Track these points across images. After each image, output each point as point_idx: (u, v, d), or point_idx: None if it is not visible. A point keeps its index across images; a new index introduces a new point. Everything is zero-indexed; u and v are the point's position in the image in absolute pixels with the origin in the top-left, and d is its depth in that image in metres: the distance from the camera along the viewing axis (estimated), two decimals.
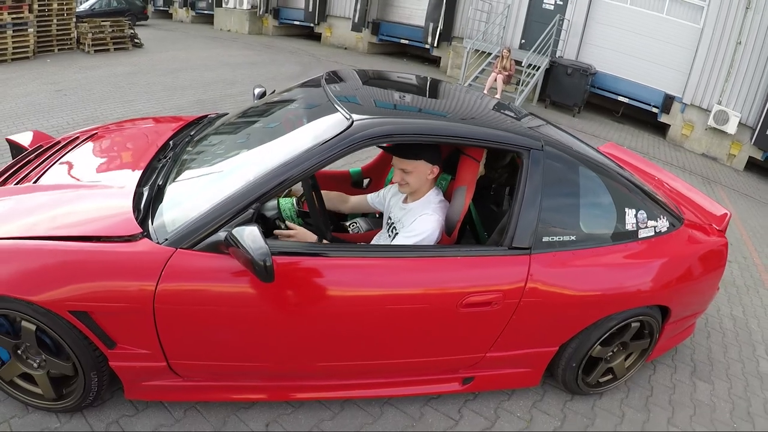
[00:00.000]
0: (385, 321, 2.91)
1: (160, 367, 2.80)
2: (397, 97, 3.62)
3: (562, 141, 3.36)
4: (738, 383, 4.47)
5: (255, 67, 15.05)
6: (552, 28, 15.34)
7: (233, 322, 2.71)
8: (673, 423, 3.80)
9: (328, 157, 2.65)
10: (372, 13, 20.59)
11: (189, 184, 3.03)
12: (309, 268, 2.74)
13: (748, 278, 6.91)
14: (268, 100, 3.98)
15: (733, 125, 14.21)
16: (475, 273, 2.96)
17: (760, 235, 9.22)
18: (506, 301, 2.97)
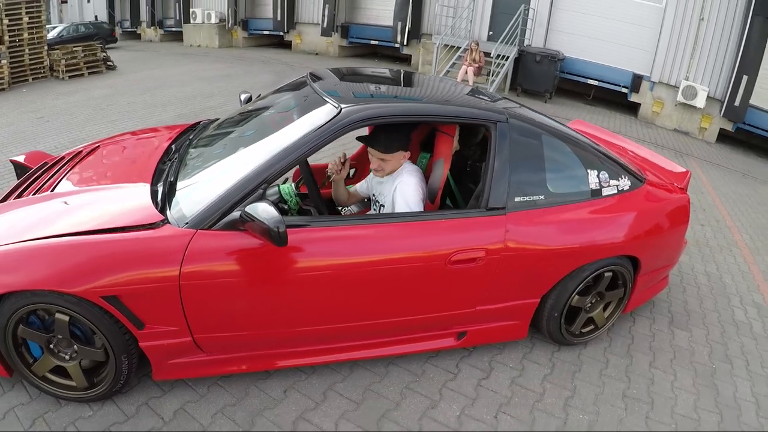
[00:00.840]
0: (384, 283, 3.22)
1: (186, 343, 3.02)
2: (374, 87, 4.04)
3: (525, 114, 3.75)
4: (715, 330, 4.81)
5: (230, 80, 15.24)
6: (518, 18, 15.70)
7: (250, 293, 2.99)
8: (655, 366, 4.13)
9: (322, 141, 2.99)
10: (340, 17, 20.82)
11: (200, 176, 3.29)
12: (314, 239, 3.05)
13: (721, 239, 7.30)
14: (257, 103, 4.30)
15: (702, 99, 14.68)
16: (458, 234, 3.29)
17: (732, 200, 9.65)
18: (488, 257, 3.33)
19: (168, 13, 27.61)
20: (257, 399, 3.30)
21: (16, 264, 2.77)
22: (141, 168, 3.60)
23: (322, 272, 3.05)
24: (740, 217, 8.65)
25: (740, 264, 6.54)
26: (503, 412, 3.44)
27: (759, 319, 5.18)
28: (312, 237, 3.03)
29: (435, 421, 3.28)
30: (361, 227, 3.26)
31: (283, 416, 3.20)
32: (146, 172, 3.48)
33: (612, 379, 3.90)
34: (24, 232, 2.90)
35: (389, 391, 3.48)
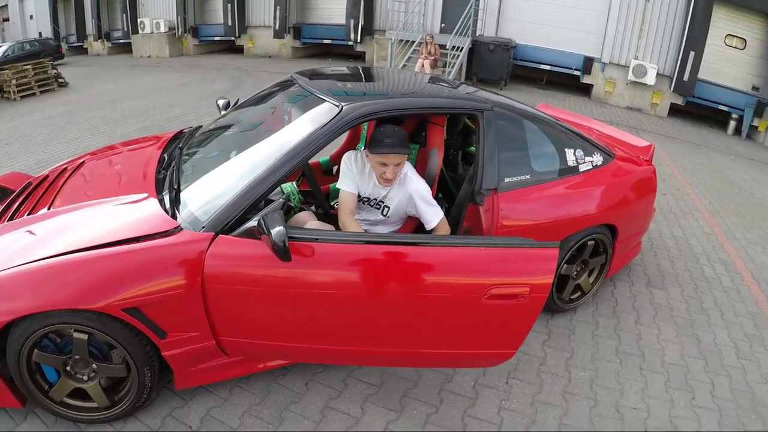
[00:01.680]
0: (403, 312, 3.00)
1: (209, 347, 3.00)
2: (355, 85, 4.17)
3: (507, 102, 4.05)
4: (688, 287, 5.29)
5: (187, 88, 15.12)
6: (469, 9, 16.04)
7: (269, 301, 2.94)
8: (640, 323, 4.56)
9: (326, 139, 3.05)
10: (292, 18, 20.69)
11: (204, 181, 3.29)
12: (330, 254, 2.91)
13: (683, 205, 7.84)
14: (244, 107, 4.38)
15: (652, 76, 15.39)
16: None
17: (689, 169, 10.24)
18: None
19: (115, 24, 26.88)
20: (281, 395, 3.38)
21: (25, 287, 2.68)
22: (140, 178, 3.57)
23: (332, 292, 2.94)
24: (698, 184, 9.24)
25: (703, 226, 7.07)
26: (513, 377, 3.74)
27: (727, 274, 5.68)
28: (323, 254, 2.88)
29: (452, 394, 3.54)
30: (377, 247, 3.00)
31: (309, 408, 3.30)
32: (147, 181, 3.45)
33: (604, 338, 4.28)
34: (27, 253, 2.81)
35: (405, 372, 3.68)
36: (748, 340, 4.56)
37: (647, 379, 3.88)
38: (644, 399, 3.68)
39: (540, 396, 3.60)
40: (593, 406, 3.56)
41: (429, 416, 3.33)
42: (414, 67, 15.24)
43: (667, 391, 3.79)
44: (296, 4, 20.86)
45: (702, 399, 3.77)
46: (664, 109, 15.92)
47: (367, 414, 3.29)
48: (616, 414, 3.52)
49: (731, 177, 10.36)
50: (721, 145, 13.72)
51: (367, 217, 3.69)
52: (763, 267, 6.14)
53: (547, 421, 3.39)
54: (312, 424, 3.18)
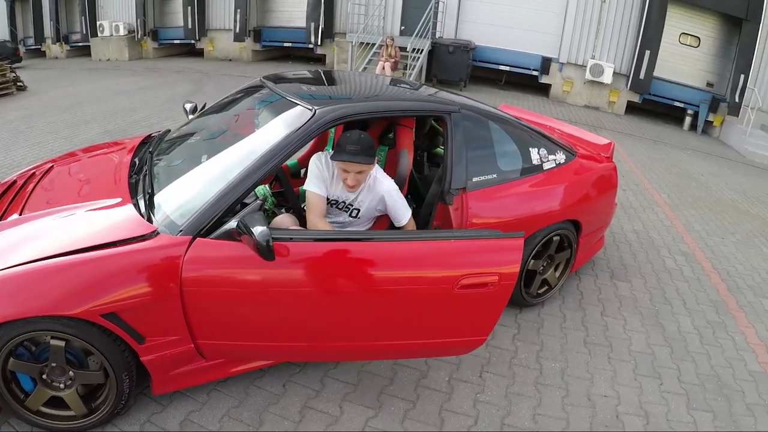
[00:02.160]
0: (379, 304, 3.05)
1: (187, 351, 2.99)
2: (320, 88, 4.21)
3: (472, 104, 4.16)
4: (651, 278, 5.46)
5: (148, 92, 14.91)
6: (429, 12, 16.21)
7: (250, 302, 2.94)
8: (606, 314, 4.70)
9: (300, 142, 3.12)
10: (252, 21, 20.58)
11: (179, 185, 3.27)
12: (308, 253, 2.96)
13: (642, 200, 8.05)
14: (214, 110, 4.37)
15: (609, 75, 15.82)
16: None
17: (647, 165, 10.52)
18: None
19: (73, 27, 26.27)
20: (259, 397, 3.38)
21: (0, 294, 2.62)
22: (112, 183, 3.54)
23: (313, 289, 2.99)
24: (656, 180, 9.50)
25: (663, 220, 7.30)
26: (486, 371, 3.82)
27: (688, 265, 5.89)
28: (305, 252, 2.95)
29: (428, 389, 3.59)
30: (353, 244, 3.08)
31: (288, 408, 3.31)
32: (120, 186, 3.42)
33: (572, 330, 4.40)
34: (0, 259, 2.74)
35: (381, 369, 3.72)
36: (711, 327, 4.74)
37: (616, 367, 4.00)
38: (614, 387, 3.80)
39: (513, 388, 3.68)
40: (565, 395, 3.66)
41: (407, 412, 3.37)
42: (375, 70, 15.30)
43: (635, 379, 3.92)
44: (257, 7, 20.77)
45: (670, 384, 3.92)
46: (621, 107, 16.34)
47: (346, 412, 3.32)
48: (588, 402, 3.62)
49: (688, 171, 10.67)
50: (678, 140, 14.10)
51: (336, 219, 3.67)
52: (723, 257, 6.36)
53: (521, 411, 3.47)
54: (292, 425, 3.20)
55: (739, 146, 14.49)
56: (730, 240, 7.05)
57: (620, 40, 16.02)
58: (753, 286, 5.76)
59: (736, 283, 5.73)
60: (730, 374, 4.15)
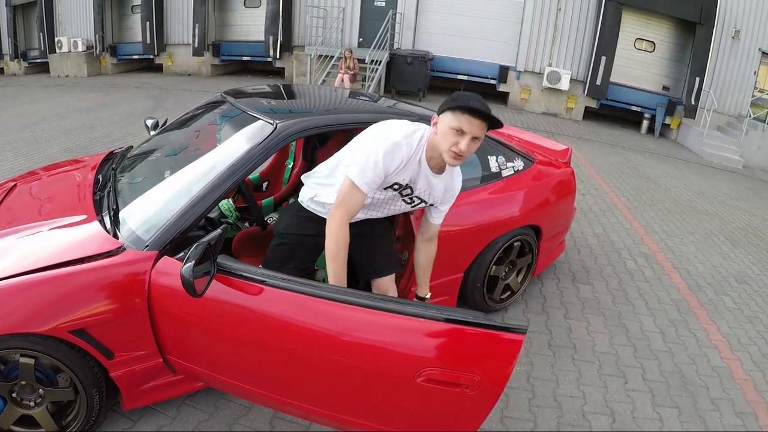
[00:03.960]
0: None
1: (157, 365, 2.96)
2: (279, 102, 4.20)
3: (429, 114, 4.08)
4: (612, 280, 5.52)
5: (108, 108, 14.71)
6: (387, 23, 16.21)
7: (205, 326, 2.80)
8: (569, 317, 4.73)
9: (262, 156, 3.11)
10: (211, 36, 20.35)
11: (144, 201, 3.22)
12: (280, 298, 2.62)
13: (602, 204, 8.15)
14: (176, 126, 4.34)
15: (566, 82, 16.11)
16: None
17: (606, 169, 10.67)
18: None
19: (32, 44, 25.66)
20: (228, 410, 3.34)
21: None
22: (77, 200, 3.50)
23: (278, 332, 2.64)
24: (615, 183, 9.65)
25: (622, 222, 7.39)
26: None
27: (648, 266, 5.97)
28: (278, 297, 2.60)
29: None
30: (327, 303, 2.55)
31: (258, 419, 3.29)
32: (85, 203, 3.38)
33: (536, 334, 4.41)
34: None
35: None
36: (673, 325, 4.81)
37: (580, 368, 4.03)
38: (579, 387, 3.82)
39: None
40: (531, 397, 3.67)
41: None
42: (334, 82, 15.29)
43: (600, 378, 3.94)
44: (215, 21, 20.62)
45: (634, 383, 3.95)
46: (579, 113, 16.62)
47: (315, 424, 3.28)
48: (554, 403, 3.64)
49: (647, 174, 10.85)
50: (636, 144, 14.37)
51: (372, 213, 3.11)
52: (683, 256, 6.46)
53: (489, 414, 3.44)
54: None
55: (697, 148, 14.87)
56: (689, 240, 7.17)
57: (576, 47, 16.35)
58: (713, 284, 5.86)
59: (696, 282, 5.82)
60: (693, 371, 4.20)
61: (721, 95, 16.12)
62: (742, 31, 16.06)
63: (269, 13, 18.48)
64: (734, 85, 16.55)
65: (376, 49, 15.70)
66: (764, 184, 13.09)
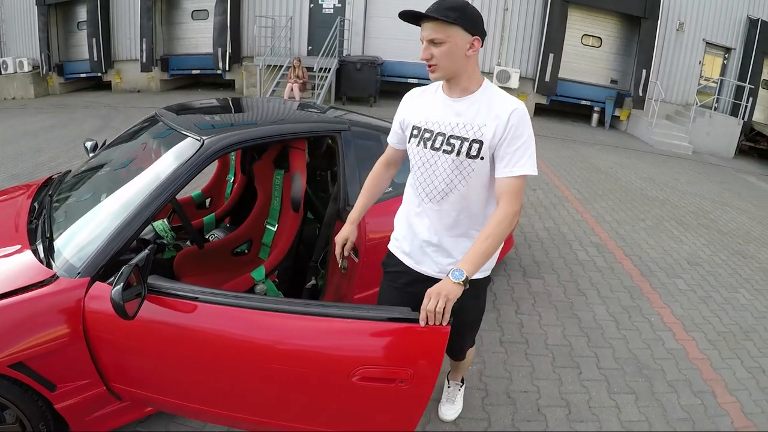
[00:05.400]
0: None
1: (101, 394, 2.87)
2: (221, 117, 4.19)
3: (363, 121, 4.17)
4: (563, 272, 5.52)
5: (55, 131, 14.35)
6: (335, 30, 16.13)
7: (142, 349, 2.75)
8: (520, 312, 4.71)
9: (190, 174, 3.04)
10: (159, 50, 19.94)
11: (77, 227, 3.16)
12: (211, 314, 2.61)
13: (553, 197, 8.20)
14: (111, 147, 4.23)
15: (515, 80, 16.27)
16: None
17: (556, 163, 10.78)
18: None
19: None
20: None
21: None
22: (12, 230, 3.39)
23: (210, 349, 2.64)
24: (566, 176, 9.73)
25: (573, 214, 7.45)
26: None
27: (600, 255, 6.01)
28: (210, 313, 2.59)
29: None
30: (259, 312, 2.59)
31: None
32: (19, 233, 3.29)
33: (487, 332, 4.36)
34: None
35: None
36: (626, 311, 4.84)
37: (533, 362, 4.01)
38: (533, 382, 3.80)
39: (433, 395, 3.59)
40: (485, 396, 3.63)
41: None
42: (283, 92, 15.19)
43: (554, 371, 3.93)
44: (163, 35, 20.22)
45: (589, 372, 3.95)
46: (530, 110, 16.41)
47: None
48: (508, 400, 3.61)
49: (598, 165, 10.98)
50: (587, 137, 14.56)
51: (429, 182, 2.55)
52: (634, 244, 6.53)
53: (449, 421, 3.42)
54: None
55: (647, 137, 15.18)
56: (640, 227, 7.25)
57: (524, 46, 16.56)
58: (665, 267, 5.94)
59: (648, 267, 5.88)
60: (648, 355, 4.23)
61: (668, 85, 16.47)
62: (686, 23, 16.48)
63: (217, 24, 18.24)
64: (680, 75, 16.96)
65: (324, 57, 15.60)
66: (713, 167, 13.37)
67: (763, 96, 17.68)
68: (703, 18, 16.62)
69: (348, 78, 16.30)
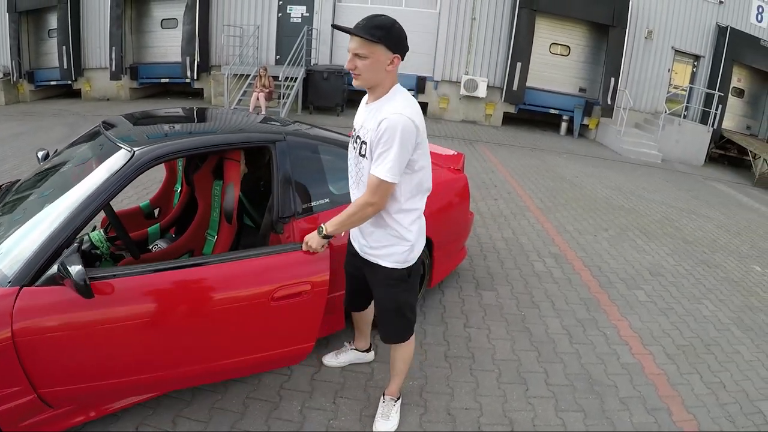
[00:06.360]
0: (201, 328, 3.16)
1: (31, 401, 2.89)
2: (168, 127, 4.16)
3: (303, 131, 4.11)
4: (518, 284, 5.36)
5: (22, 138, 14.11)
6: (302, 39, 16.02)
7: (81, 344, 2.90)
8: (469, 326, 4.53)
9: (119, 185, 3.08)
10: (129, 58, 19.76)
11: (12, 237, 3.19)
12: (131, 287, 2.99)
13: (514, 207, 8.04)
14: (55, 158, 4.23)
15: (483, 89, 16.30)
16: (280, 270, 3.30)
17: (521, 172, 10.63)
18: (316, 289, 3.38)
19: None
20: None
21: None
22: None
23: (139, 320, 3.01)
24: (530, 185, 9.60)
25: (534, 224, 7.29)
26: (340, 396, 3.60)
27: (558, 266, 5.85)
28: (128, 286, 2.97)
29: (280, 420, 3.38)
30: (172, 273, 3.13)
31: (254, 423, 3.30)
32: None
33: (432, 346, 4.21)
34: None
35: (233, 405, 3.51)
36: (581, 325, 4.69)
37: (478, 378, 3.85)
38: (476, 398, 3.64)
39: (368, 411, 3.49)
40: (423, 413, 3.48)
41: None
42: (250, 101, 15.00)
43: (499, 387, 3.77)
44: (132, 43, 20.07)
45: (536, 389, 3.80)
46: (498, 119, 16.81)
47: None
48: (448, 417, 3.46)
49: (563, 174, 10.90)
50: (555, 145, 14.52)
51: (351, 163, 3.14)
52: (595, 254, 6.39)
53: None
54: None
55: (615, 145, 15.20)
56: (602, 236, 7.14)
57: (492, 55, 16.54)
58: (626, 278, 5.81)
59: (608, 278, 5.75)
60: (602, 370, 4.09)
61: (636, 93, 16.55)
62: (654, 30, 16.57)
63: (185, 33, 18.11)
64: (649, 83, 17.04)
65: (291, 66, 15.48)
66: (681, 175, 13.38)
67: (732, 103, 17.86)
68: (671, 26, 16.73)
69: (315, 87, 16.17)
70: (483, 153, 12.21)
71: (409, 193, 2.92)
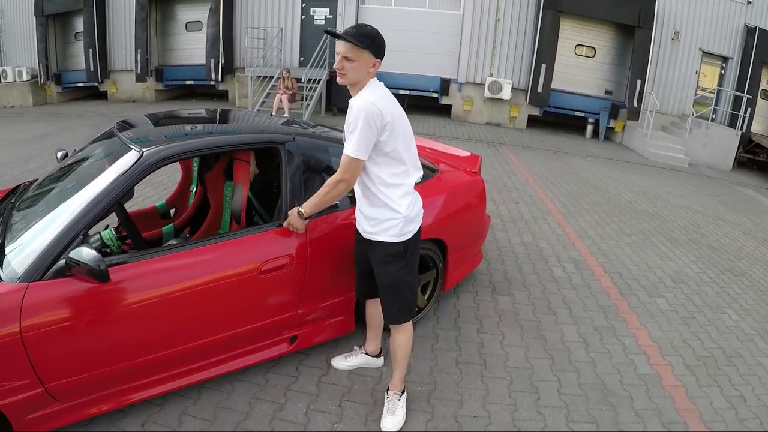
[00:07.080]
0: (206, 303, 3.36)
1: (38, 395, 2.94)
2: (189, 128, 4.20)
3: (314, 132, 4.12)
4: (536, 289, 5.25)
5: (48, 139, 14.25)
6: (325, 42, 16.01)
7: (89, 333, 3.00)
8: (483, 331, 4.44)
9: (128, 184, 3.18)
10: (154, 61, 20.00)
11: (26, 234, 3.26)
12: (137, 273, 3.16)
13: (535, 211, 7.91)
14: (73, 158, 4.25)
15: (507, 91, 16.13)
16: (265, 246, 3.54)
17: (544, 176, 10.49)
18: (296, 261, 3.59)
19: None
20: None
21: None
22: None
23: (148, 302, 3.15)
24: (553, 189, 9.45)
25: (555, 228, 7.16)
26: (346, 400, 3.55)
27: (577, 272, 5.72)
28: (135, 272, 3.14)
29: (284, 421, 3.35)
30: (176, 256, 3.36)
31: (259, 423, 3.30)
32: None
33: (444, 351, 4.13)
34: None
35: (238, 404, 3.50)
36: (598, 333, 4.57)
37: (488, 385, 3.76)
38: (485, 406, 3.56)
39: (373, 415, 3.44)
40: (430, 419, 3.42)
41: None
42: (273, 103, 15.03)
43: (510, 395, 3.69)
44: (157, 46, 20.31)
45: (547, 398, 3.70)
46: (523, 122, 16.64)
47: None
48: (455, 424, 3.39)
49: (587, 178, 10.74)
50: (580, 149, 14.32)
51: None
52: (616, 260, 6.26)
53: None
54: None
55: (642, 149, 14.96)
56: (625, 242, 7.00)
57: (516, 57, 16.38)
58: (647, 286, 5.67)
59: (629, 285, 5.62)
60: (617, 380, 3.97)
61: (663, 96, 16.33)
62: (681, 32, 16.31)
63: (210, 35, 18.25)
64: (676, 85, 16.76)
65: (314, 68, 15.48)
66: (708, 180, 13.15)
67: (761, 106, 17.47)
68: (698, 26, 16.45)
69: (338, 89, 16.01)
70: (506, 156, 12.10)
71: (388, 170, 3.18)
